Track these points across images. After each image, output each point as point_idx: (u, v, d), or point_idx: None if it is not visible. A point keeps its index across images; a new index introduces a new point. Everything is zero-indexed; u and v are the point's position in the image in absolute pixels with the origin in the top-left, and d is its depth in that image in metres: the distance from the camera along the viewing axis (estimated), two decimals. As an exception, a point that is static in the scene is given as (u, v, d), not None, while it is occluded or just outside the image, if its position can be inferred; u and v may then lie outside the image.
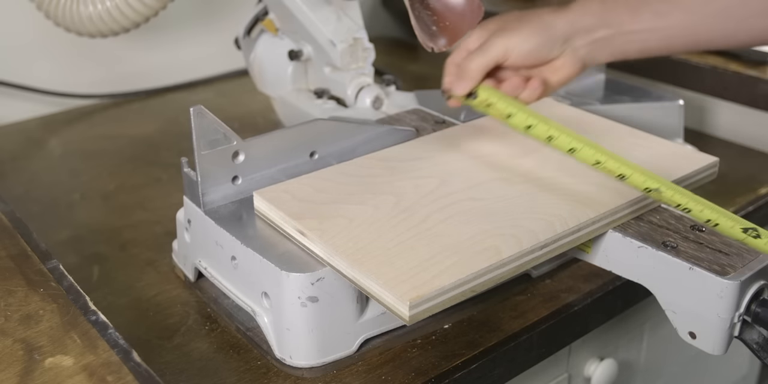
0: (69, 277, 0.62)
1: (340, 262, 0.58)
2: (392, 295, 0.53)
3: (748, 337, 0.60)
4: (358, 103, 0.92)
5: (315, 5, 0.90)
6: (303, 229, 0.61)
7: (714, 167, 0.72)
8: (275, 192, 0.66)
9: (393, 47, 1.39)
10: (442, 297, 0.54)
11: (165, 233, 0.81)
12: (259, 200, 0.66)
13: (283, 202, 0.64)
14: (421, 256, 0.57)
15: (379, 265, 0.56)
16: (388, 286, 0.54)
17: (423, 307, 0.53)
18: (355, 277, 0.57)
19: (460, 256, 0.57)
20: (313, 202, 0.64)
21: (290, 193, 0.65)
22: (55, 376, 0.52)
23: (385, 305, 0.55)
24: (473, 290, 0.56)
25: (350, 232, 0.60)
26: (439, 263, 0.56)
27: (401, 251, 0.57)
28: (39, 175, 0.99)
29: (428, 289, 0.53)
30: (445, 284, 0.54)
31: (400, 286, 0.54)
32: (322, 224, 0.61)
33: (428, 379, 0.62)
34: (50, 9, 0.94)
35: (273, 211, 0.64)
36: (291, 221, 0.62)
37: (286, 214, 0.62)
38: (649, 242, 0.62)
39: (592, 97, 0.92)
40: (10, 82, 1.10)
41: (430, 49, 0.74)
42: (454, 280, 0.54)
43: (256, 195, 0.66)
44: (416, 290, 0.53)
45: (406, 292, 0.53)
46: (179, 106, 1.18)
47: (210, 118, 0.63)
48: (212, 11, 1.25)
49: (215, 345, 0.66)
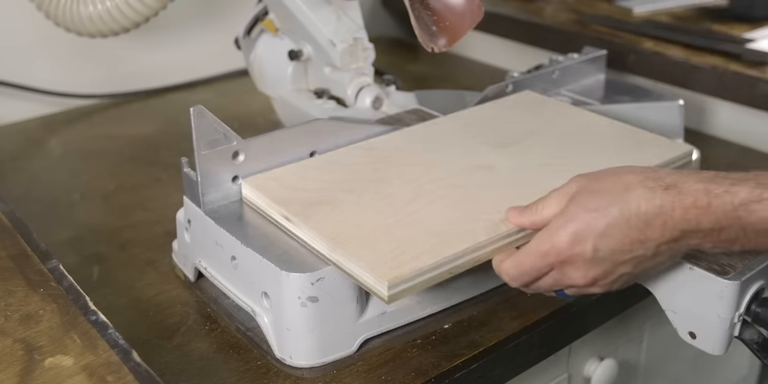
0: (69, 277, 0.62)
1: (323, 246, 0.59)
2: (372, 276, 0.55)
3: (748, 337, 0.60)
4: (358, 103, 0.92)
5: (315, 5, 0.90)
6: (288, 214, 0.62)
7: (689, 155, 0.73)
8: (263, 179, 0.67)
9: (393, 47, 1.39)
10: (420, 278, 0.56)
11: (165, 233, 0.81)
12: (247, 188, 0.67)
13: (269, 189, 0.66)
14: (401, 239, 0.58)
15: (360, 248, 0.58)
16: (368, 267, 0.56)
17: (401, 288, 0.55)
18: (338, 260, 0.58)
19: (439, 239, 0.58)
20: (299, 190, 0.66)
21: (278, 180, 0.67)
22: (55, 376, 0.52)
23: (366, 287, 0.56)
24: (451, 272, 0.58)
25: (335, 217, 0.62)
26: (418, 246, 0.58)
27: (383, 235, 0.59)
28: (39, 175, 0.99)
29: (407, 270, 0.55)
30: (423, 266, 0.56)
31: (379, 267, 0.55)
32: (307, 210, 0.62)
33: (428, 379, 0.62)
34: (50, 9, 0.94)
35: (260, 198, 0.66)
36: (276, 207, 0.64)
37: (272, 201, 0.64)
38: (649, 242, 0.62)
39: (592, 96, 0.92)
40: (10, 82, 1.10)
41: (430, 49, 0.74)
42: (432, 262, 0.56)
43: (243, 182, 0.67)
44: (394, 271, 0.55)
45: (385, 273, 0.55)
46: (179, 106, 1.18)
47: (210, 118, 0.63)
48: (212, 11, 1.25)
49: (215, 345, 0.66)
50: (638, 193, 0.50)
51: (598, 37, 1.16)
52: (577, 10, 1.30)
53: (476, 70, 1.35)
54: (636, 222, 0.50)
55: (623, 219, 0.50)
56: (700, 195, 0.48)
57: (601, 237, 0.52)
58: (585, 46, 0.98)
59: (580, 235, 0.52)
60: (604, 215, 0.51)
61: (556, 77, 0.92)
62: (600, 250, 0.52)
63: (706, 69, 1.03)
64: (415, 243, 0.58)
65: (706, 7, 1.30)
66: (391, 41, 1.42)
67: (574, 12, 1.29)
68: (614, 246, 0.52)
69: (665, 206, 0.49)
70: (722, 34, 1.15)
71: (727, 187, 0.48)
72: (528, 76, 0.90)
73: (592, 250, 0.52)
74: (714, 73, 1.03)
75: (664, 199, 0.49)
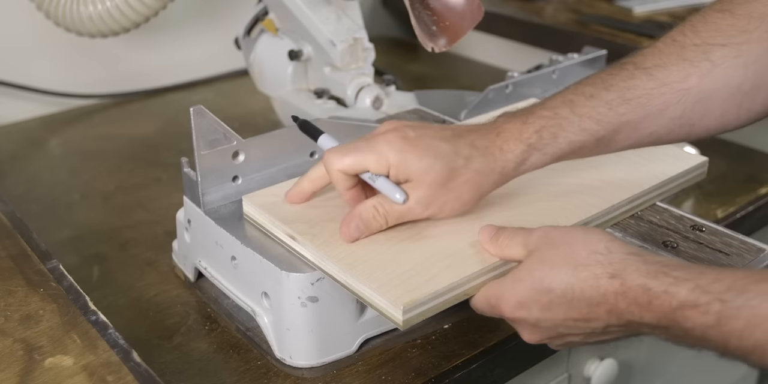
0: (69, 277, 0.62)
1: (332, 266, 0.57)
2: (385, 299, 0.53)
3: (748, 337, 0.59)
4: (358, 103, 0.92)
5: (315, 5, 0.90)
6: (293, 233, 0.60)
7: (703, 167, 0.72)
8: (264, 196, 0.65)
9: (393, 47, 1.39)
10: (436, 301, 0.54)
11: (165, 233, 0.81)
12: (248, 205, 0.65)
13: (272, 207, 0.63)
14: (413, 260, 0.56)
15: (371, 269, 0.55)
16: (380, 290, 0.53)
17: (416, 312, 0.53)
18: (347, 281, 0.56)
19: (453, 259, 0.56)
20: (303, 207, 0.64)
21: (279, 197, 0.65)
22: (55, 376, 0.52)
23: (378, 310, 0.54)
24: (466, 293, 0.56)
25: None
26: (431, 267, 0.56)
27: (394, 255, 0.57)
28: (39, 175, 0.99)
29: (421, 293, 0.53)
30: (438, 288, 0.53)
31: (393, 290, 0.53)
32: (313, 229, 0.60)
33: (428, 379, 0.62)
34: (50, 9, 0.94)
35: (262, 216, 0.63)
36: (281, 225, 0.61)
37: (276, 218, 0.62)
38: (649, 242, 0.62)
39: (592, 97, 0.92)
40: (10, 82, 1.10)
41: (430, 49, 0.74)
42: (447, 284, 0.54)
43: (244, 199, 0.65)
44: (409, 294, 0.53)
45: (399, 297, 0.53)
46: (179, 106, 1.18)
47: (210, 118, 0.63)
48: (212, 11, 1.25)
49: (215, 345, 0.66)
50: (584, 277, 0.49)
51: (598, 37, 1.16)
52: (577, 10, 1.30)
53: (476, 70, 1.35)
54: (579, 305, 0.50)
55: (566, 300, 0.50)
56: (641, 292, 0.47)
57: (544, 310, 0.51)
58: (585, 46, 0.98)
59: (525, 303, 0.52)
60: (549, 291, 0.51)
61: (555, 77, 0.92)
62: (542, 320, 0.52)
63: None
64: (427, 263, 0.56)
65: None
66: (391, 41, 1.42)
67: (574, 12, 1.29)
68: (557, 321, 0.51)
69: (609, 296, 0.48)
70: (722, 34, 1.15)
71: (666, 287, 0.46)
72: (528, 76, 0.90)
73: (534, 319, 0.52)
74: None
75: (608, 290, 0.48)
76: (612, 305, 0.48)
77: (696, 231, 0.63)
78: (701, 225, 0.64)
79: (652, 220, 0.65)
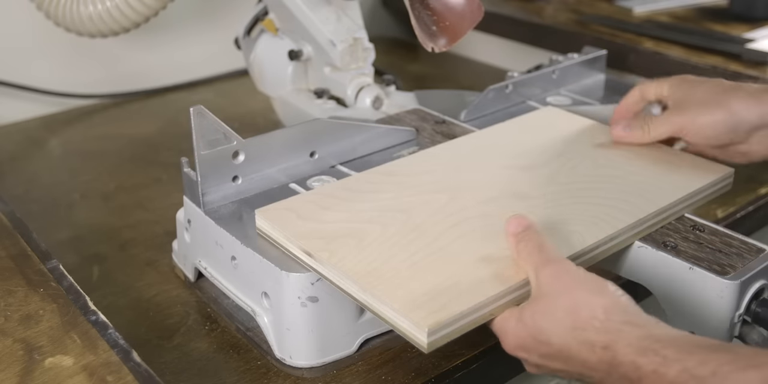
0: (69, 277, 0.62)
1: (351, 285, 0.55)
2: (409, 321, 0.51)
3: (748, 337, 0.60)
4: (358, 103, 0.92)
5: (315, 5, 0.90)
6: (309, 250, 0.58)
7: (729, 177, 0.70)
8: (278, 210, 0.63)
9: (393, 47, 1.39)
10: (461, 322, 0.52)
11: (165, 233, 0.81)
12: (261, 219, 0.63)
13: (286, 222, 0.61)
14: (437, 278, 0.54)
15: (392, 288, 0.53)
16: (403, 311, 0.51)
17: (441, 333, 0.51)
18: (368, 301, 0.54)
19: (476, 276, 0.54)
20: (318, 221, 0.61)
21: (294, 211, 0.63)
22: (55, 376, 0.52)
23: (401, 331, 0.52)
24: (492, 314, 0.54)
25: (360, 252, 0.57)
26: (454, 285, 0.53)
27: (415, 273, 0.55)
28: (39, 175, 0.99)
29: (447, 315, 0.51)
30: (463, 309, 0.51)
31: (416, 311, 0.51)
32: (330, 245, 0.58)
33: (428, 379, 0.62)
34: (50, 9, 0.94)
35: (276, 231, 0.61)
36: (296, 241, 0.59)
37: (291, 234, 0.60)
38: (649, 242, 0.62)
39: (592, 96, 0.92)
40: (10, 82, 1.10)
41: (430, 49, 0.74)
42: (473, 304, 0.52)
43: (257, 214, 0.63)
44: (434, 316, 0.50)
45: (423, 318, 0.50)
46: (179, 106, 1.18)
47: (210, 118, 0.63)
48: (212, 11, 1.25)
49: (215, 345, 0.66)
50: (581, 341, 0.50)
51: (598, 37, 1.16)
52: (577, 10, 1.30)
53: (476, 70, 1.35)
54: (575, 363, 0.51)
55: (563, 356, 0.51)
56: (631, 369, 0.47)
57: (543, 358, 0.52)
58: (585, 46, 0.98)
59: (525, 348, 0.53)
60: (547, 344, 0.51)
61: (556, 77, 0.92)
62: (542, 366, 0.53)
63: (706, 69, 1.03)
64: (451, 282, 0.54)
65: (706, 7, 1.30)
66: (391, 41, 1.42)
67: (574, 12, 1.29)
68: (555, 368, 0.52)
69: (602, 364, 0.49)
70: (722, 34, 1.15)
71: (656, 367, 0.46)
72: (528, 76, 0.90)
73: (534, 362, 0.53)
74: (714, 72, 1.03)
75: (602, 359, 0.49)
76: (605, 372, 0.49)
77: (696, 231, 0.63)
78: (701, 225, 0.64)
79: (652, 220, 0.65)
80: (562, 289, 0.51)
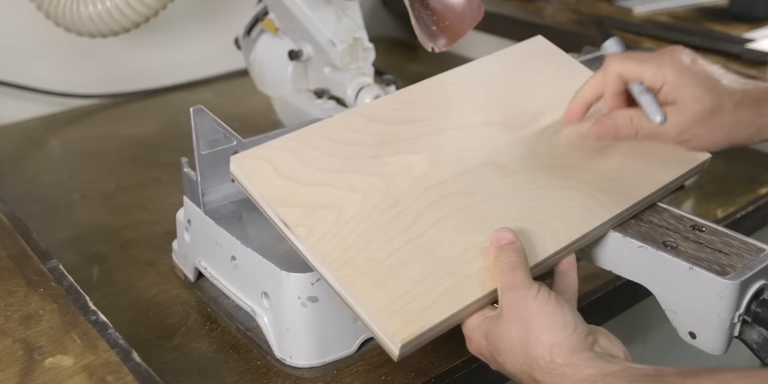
0: (69, 277, 0.62)
1: (329, 275, 0.55)
2: (382, 331, 0.52)
3: (748, 337, 0.60)
4: (358, 103, 0.92)
5: (315, 5, 0.90)
6: (287, 221, 0.56)
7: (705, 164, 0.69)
8: (255, 160, 0.59)
9: (393, 47, 1.39)
10: (432, 332, 0.53)
11: (165, 233, 0.81)
12: (236, 168, 0.59)
13: (264, 178, 0.58)
14: (413, 278, 0.54)
15: (369, 287, 0.53)
16: (378, 318, 0.52)
17: (412, 345, 0.53)
18: (345, 296, 0.54)
19: (453, 279, 0.55)
20: (296, 181, 0.59)
21: (271, 163, 0.59)
22: (55, 376, 0.52)
23: (375, 334, 0.53)
24: (461, 320, 0.55)
25: (339, 231, 0.56)
26: (431, 289, 0.54)
27: (392, 268, 0.55)
28: (39, 175, 0.99)
29: (419, 327, 0.52)
30: (436, 321, 0.52)
31: (391, 320, 0.52)
32: (308, 219, 0.56)
33: (428, 379, 0.62)
34: (50, 9, 0.94)
35: (252, 187, 0.58)
36: (275, 208, 0.57)
37: (270, 197, 0.57)
38: (649, 242, 0.62)
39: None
40: (10, 82, 1.10)
41: (430, 49, 0.74)
42: (446, 316, 0.53)
43: (232, 160, 0.59)
44: (407, 328, 0.52)
45: (396, 331, 0.51)
46: (179, 106, 1.18)
47: (210, 118, 0.63)
48: (212, 11, 1.25)
49: (215, 345, 0.66)
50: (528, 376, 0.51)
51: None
52: (577, 10, 1.30)
53: (476, 70, 1.35)
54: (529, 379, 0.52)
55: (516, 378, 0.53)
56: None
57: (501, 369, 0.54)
58: (585, 46, 0.98)
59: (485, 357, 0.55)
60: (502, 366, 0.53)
61: (556, 77, 0.91)
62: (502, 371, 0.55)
63: (706, 69, 1.03)
64: (427, 283, 0.54)
65: (706, 7, 1.30)
66: (391, 41, 1.42)
67: (574, 12, 1.29)
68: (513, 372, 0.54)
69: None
70: (722, 34, 1.15)
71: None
72: (528, 76, 0.89)
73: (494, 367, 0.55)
74: (714, 73, 1.03)
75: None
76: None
77: (696, 231, 0.63)
78: (701, 225, 0.64)
79: (652, 220, 0.65)
80: (517, 319, 0.52)
